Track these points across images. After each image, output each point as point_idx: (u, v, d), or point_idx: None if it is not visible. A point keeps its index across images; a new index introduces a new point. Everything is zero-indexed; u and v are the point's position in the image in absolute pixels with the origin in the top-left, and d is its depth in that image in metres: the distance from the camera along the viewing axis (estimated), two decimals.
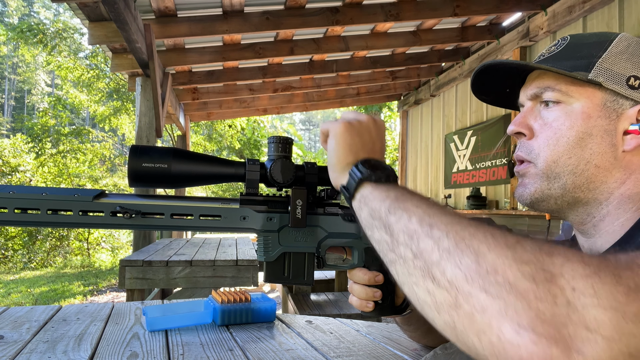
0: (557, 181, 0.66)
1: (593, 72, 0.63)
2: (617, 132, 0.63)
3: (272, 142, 0.74)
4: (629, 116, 0.63)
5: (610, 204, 0.65)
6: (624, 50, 0.64)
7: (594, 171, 0.64)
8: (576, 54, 0.66)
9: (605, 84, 0.63)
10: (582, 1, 4.01)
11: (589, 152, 0.64)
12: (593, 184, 0.64)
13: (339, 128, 0.64)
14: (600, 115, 0.64)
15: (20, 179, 12.07)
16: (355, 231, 0.78)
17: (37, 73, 35.80)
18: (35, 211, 0.66)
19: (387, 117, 14.75)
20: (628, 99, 0.63)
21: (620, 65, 0.63)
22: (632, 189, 0.63)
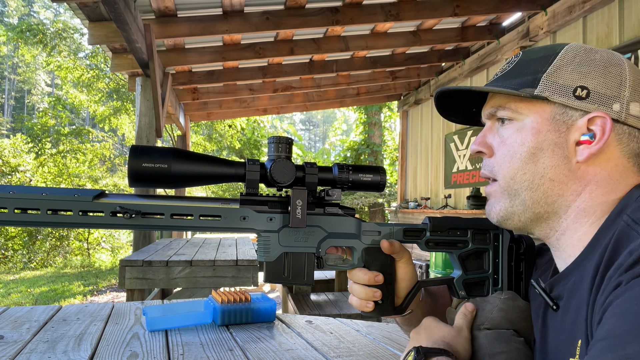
0: (517, 198, 0.67)
1: (539, 87, 0.64)
2: (569, 143, 0.63)
3: (272, 142, 0.74)
4: (579, 127, 0.63)
5: (569, 217, 0.65)
6: (570, 62, 0.64)
7: (549, 185, 0.65)
8: (523, 70, 0.67)
9: (552, 97, 0.63)
10: (582, 1, 4.01)
11: (542, 166, 0.65)
12: (550, 197, 0.65)
13: None
14: (549, 129, 0.64)
15: (20, 179, 12.07)
16: (355, 231, 0.78)
17: (37, 73, 35.80)
18: (35, 211, 0.66)
19: (387, 117, 14.76)
20: (577, 110, 0.63)
21: (566, 77, 0.63)
22: (587, 202, 0.63)
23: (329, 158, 17.62)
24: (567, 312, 0.63)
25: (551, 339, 0.67)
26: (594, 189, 0.63)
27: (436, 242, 0.81)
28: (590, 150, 0.62)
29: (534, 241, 0.83)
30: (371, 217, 13.89)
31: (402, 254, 0.79)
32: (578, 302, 0.60)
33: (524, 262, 0.81)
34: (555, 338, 0.65)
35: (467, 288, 0.80)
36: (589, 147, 0.62)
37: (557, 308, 0.66)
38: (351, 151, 13.92)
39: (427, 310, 0.88)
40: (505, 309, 0.74)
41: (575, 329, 0.60)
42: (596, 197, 0.63)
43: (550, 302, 0.66)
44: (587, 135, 0.62)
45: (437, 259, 4.39)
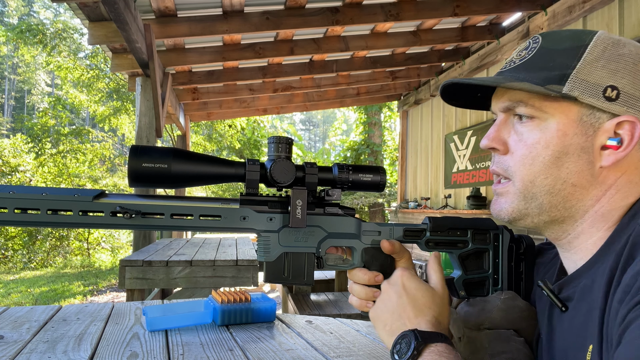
0: (534, 201, 0.64)
1: (567, 85, 0.59)
2: (594, 148, 0.60)
3: (272, 142, 0.74)
4: (606, 130, 0.59)
5: (585, 222, 0.63)
6: (600, 56, 0.59)
7: (570, 190, 0.61)
8: (549, 63, 0.61)
9: (581, 97, 0.58)
10: (582, 1, 4.01)
11: (565, 171, 0.61)
12: (569, 202, 0.62)
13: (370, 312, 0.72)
14: (576, 132, 0.60)
15: (20, 179, 12.06)
16: (355, 231, 0.78)
17: (37, 73, 35.79)
18: (35, 211, 0.66)
19: (387, 117, 14.76)
20: (605, 112, 0.59)
21: (596, 74, 0.59)
22: (605, 207, 0.61)
23: (329, 158, 17.62)
24: (576, 315, 0.61)
25: (558, 340, 0.65)
26: (613, 194, 0.61)
27: (436, 242, 0.81)
28: (616, 157, 0.59)
29: (534, 241, 0.83)
30: (371, 217, 13.89)
31: (402, 254, 0.79)
32: (589, 306, 0.59)
33: (524, 262, 0.81)
34: (563, 339, 0.64)
35: (467, 288, 0.80)
36: (615, 152, 0.59)
37: (566, 309, 0.64)
38: (351, 151, 13.92)
39: None
40: (505, 309, 0.74)
41: (585, 332, 0.58)
42: (615, 202, 0.61)
43: (559, 303, 0.64)
44: (615, 140, 0.58)
45: None
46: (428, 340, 0.60)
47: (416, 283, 0.69)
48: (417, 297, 0.67)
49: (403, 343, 0.62)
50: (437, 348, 0.60)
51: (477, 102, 0.76)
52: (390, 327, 0.66)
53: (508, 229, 0.82)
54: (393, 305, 0.67)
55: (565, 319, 0.64)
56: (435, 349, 0.60)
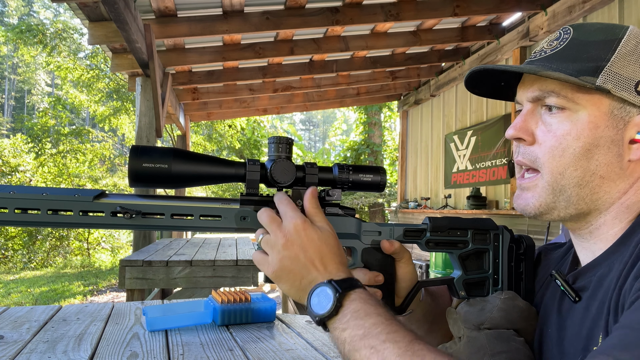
0: (562, 194, 0.63)
1: (601, 77, 0.59)
2: (624, 141, 0.61)
3: (272, 142, 0.74)
4: (636, 124, 0.60)
5: (609, 214, 0.63)
6: (633, 50, 0.60)
7: (598, 182, 0.62)
8: (582, 54, 0.61)
9: (614, 91, 0.59)
10: (582, 1, 4.01)
11: (595, 163, 0.61)
12: (597, 194, 0.62)
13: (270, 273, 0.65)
14: (607, 124, 0.60)
15: (20, 179, 12.06)
16: (355, 231, 0.78)
17: (37, 73, 35.80)
18: (35, 211, 0.66)
19: (387, 117, 14.76)
20: (635, 106, 0.60)
21: (629, 68, 0.59)
22: (631, 199, 0.62)
23: (329, 158, 17.62)
24: (591, 305, 0.61)
25: (570, 330, 0.65)
26: (638, 187, 0.61)
27: (436, 242, 0.81)
28: None
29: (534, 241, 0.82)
30: (371, 217, 13.89)
31: (402, 254, 0.79)
32: (603, 296, 0.59)
33: (524, 262, 0.81)
34: (574, 330, 0.64)
35: (467, 288, 0.80)
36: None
37: (579, 299, 0.64)
38: (351, 151, 13.92)
39: (427, 310, 0.88)
40: (505, 309, 0.74)
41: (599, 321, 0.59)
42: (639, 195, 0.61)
43: (573, 293, 0.64)
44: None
45: (437, 259, 4.39)
46: (347, 289, 0.59)
47: (316, 233, 0.66)
48: (323, 245, 0.65)
49: (322, 296, 0.60)
50: (359, 295, 0.59)
51: (500, 92, 0.75)
52: (301, 283, 0.64)
53: (508, 229, 0.82)
54: (300, 261, 0.64)
55: (579, 310, 0.64)
56: (357, 296, 0.59)
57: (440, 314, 0.87)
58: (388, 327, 0.54)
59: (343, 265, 0.65)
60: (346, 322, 0.57)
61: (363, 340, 0.54)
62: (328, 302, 0.59)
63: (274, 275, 0.65)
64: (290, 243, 0.64)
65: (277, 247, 0.65)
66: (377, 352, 0.52)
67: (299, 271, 0.64)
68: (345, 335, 0.56)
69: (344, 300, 0.59)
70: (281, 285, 0.66)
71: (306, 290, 0.63)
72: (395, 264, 0.80)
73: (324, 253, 0.64)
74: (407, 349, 0.51)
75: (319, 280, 0.62)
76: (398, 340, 0.52)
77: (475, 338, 0.73)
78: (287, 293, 0.66)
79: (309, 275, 0.63)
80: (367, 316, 0.56)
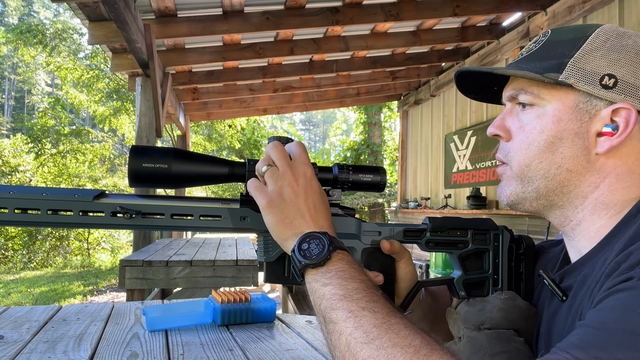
0: (530, 185, 0.66)
1: (564, 72, 0.61)
2: (590, 134, 0.61)
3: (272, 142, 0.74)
4: (602, 117, 0.60)
5: (585, 209, 0.64)
6: (600, 47, 0.61)
7: (566, 175, 0.63)
8: (550, 53, 0.64)
9: (577, 85, 0.60)
10: (582, 1, 4.01)
11: (560, 156, 0.63)
12: (566, 187, 0.64)
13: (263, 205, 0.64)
14: (571, 117, 0.62)
15: (20, 179, 12.07)
16: (355, 231, 0.78)
17: (37, 73, 35.80)
18: (35, 211, 0.66)
19: (387, 117, 14.76)
20: (602, 100, 0.60)
21: (594, 63, 0.60)
22: (606, 195, 0.62)
23: (329, 158, 17.62)
24: (574, 304, 0.62)
25: (556, 329, 0.66)
26: (613, 182, 0.61)
27: (436, 243, 0.81)
28: (611, 143, 0.60)
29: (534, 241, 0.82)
30: (371, 217, 13.89)
31: (402, 254, 0.79)
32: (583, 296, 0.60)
33: (524, 262, 0.81)
34: (560, 328, 0.64)
35: (467, 288, 0.80)
36: (610, 139, 0.60)
37: (566, 298, 0.64)
38: (351, 151, 13.92)
39: (427, 310, 0.88)
40: (505, 309, 0.74)
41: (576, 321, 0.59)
42: (616, 191, 0.61)
43: (560, 292, 0.65)
44: (610, 127, 0.60)
45: (437, 259, 4.39)
46: (337, 247, 0.60)
47: (320, 188, 0.67)
48: (322, 201, 0.66)
49: (313, 244, 0.60)
50: (346, 256, 0.60)
51: (494, 96, 0.78)
52: (291, 223, 0.63)
53: (508, 229, 0.82)
54: (299, 202, 0.63)
55: (564, 309, 0.64)
56: (345, 257, 0.60)
57: (441, 314, 0.87)
58: (369, 296, 0.55)
59: (333, 227, 0.66)
60: (329, 277, 0.57)
61: (342, 302, 0.54)
62: (318, 252, 0.59)
63: (267, 204, 0.64)
64: (297, 183, 0.64)
65: (282, 180, 0.64)
66: (354, 317, 0.52)
67: (294, 211, 0.63)
68: (325, 290, 0.56)
69: (333, 256, 0.59)
70: (269, 216, 0.64)
71: (293, 231, 0.63)
72: (395, 264, 0.80)
73: (321, 208, 0.65)
74: (384, 320, 0.51)
75: (309, 228, 0.63)
76: (377, 310, 0.52)
77: (475, 338, 0.73)
78: (270, 227, 0.65)
79: (301, 219, 0.63)
80: (351, 278, 0.57)
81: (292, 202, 0.63)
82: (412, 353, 0.47)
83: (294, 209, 0.63)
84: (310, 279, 0.60)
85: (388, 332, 0.49)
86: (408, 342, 0.48)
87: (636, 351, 0.41)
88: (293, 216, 0.63)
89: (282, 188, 0.64)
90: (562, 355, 0.43)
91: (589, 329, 0.45)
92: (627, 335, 0.42)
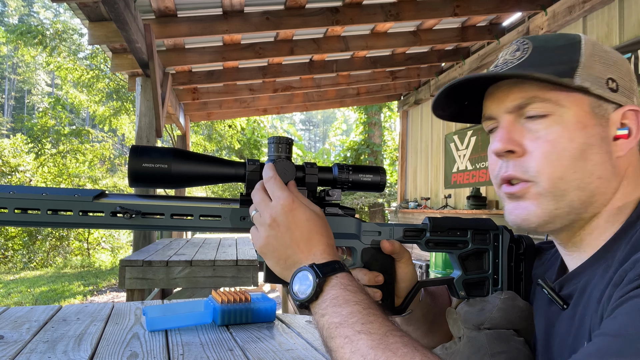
0: (564, 199, 0.60)
1: (577, 77, 0.59)
2: (609, 138, 0.60)
3: (272, 142, 0.74)
4: (614, 121, 0.60)
5: (602, 217, 0.62)
6: (594, 52, 0.61)
7: (597, 183, 0.60)
8: (553, 59, 0.61)
9: (592, 88, 0.59)
10: (582, 1, 4.01)
11: (591, 163, 0.59)
12: (595, 196, 0.60)
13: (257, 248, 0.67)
14: (594, 123, 0.60)
15: (20, 179, 12.07)
16: (355, 231, 0.78)
17: (37, 73, 35.79)
18: (35, 211, 0.66)
19: (387, 117, 14.76)
20: (611, 103, 0.60)
21: (596, 67, 0.60)
22: (620, 199, 0.61)
23: (329, 158, 17.62)
24: (576, 313, 0.61)
25: (557, 337, 0.65)
26: (625, 185, 0.60)
27: (436, 243, 0.81)
28: (629, 145, 0.59)
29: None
30: (371, 217, 13.89)
31: (402, 254, 0.79)
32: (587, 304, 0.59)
33: (523, 262, 0.81)
34: (561, 337, 0.64)
35: (467, 288, 0.80)
36: (627, 141, 0.59)
37: (567, 307, 0.63)
38: (351, 151, 13.92)
39: (426, 310, 0.88)
40: (505, 309, 0.74)
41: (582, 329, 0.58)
42: (627, 194, 0.60)
43: (560, 301, 0.63)
44: (624, 130, 0.59)
45: (437, 259, 4.39)
46: (327, 273, 0.60)
47: (305, 214, 0.65)
48: (309, 228, 0.65)
49: (303, 280, 0.60)
50: (340, 280, 0.60)
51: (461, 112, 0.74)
52: (285, 262, 0.64)
53: (508, 229, 0.82)
54: (285, 242, 0.64)
55: (565, 317, 0.63)
56: (338, 282, 0.59)
57: (440, 314, 0.87)
58: (364, 318, 0.54)
59: (329, 247, 0.65)
60: (325, 308, 0.58)
61: (338, 329, 0.54)
62: (308, 287, 0.59)
63: (260, 251, 0.67)
64: (277, 224, 0.64)
65: (264, 225, 0.65)
66: (350, 342, 0.52)
67: (283, 251, 0.64)
68: (324, 321, 0.57)
69: (324, 286, 0.59)
70: (267, 261, 0.67)
71: (290, 270, 0.64)
72: (395, 264, 0.80)
73: (310, 235, 0.64)
74: (380, 341, 0.51)
75: (302, 262, 0.63)
76: (372, 332, 0.52)
77: (475, 338, 0.73)
78: (272, 269, 0.67)
79: (294, 256, 0.64)
80: (345, 304, 0.57)
81: (280, 243, 0.64)
82: None
83: (283, 248, 0.64)
84: (312, 312, 0.60)
85: (385, 352, 0.49)
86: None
87: None
88: (285, 255, 0.64)
89: (267, 233, 0.65)
90: None
91: (605, 337, 0.45)
92: None
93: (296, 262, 0.63)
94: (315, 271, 0.60)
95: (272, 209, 0.65)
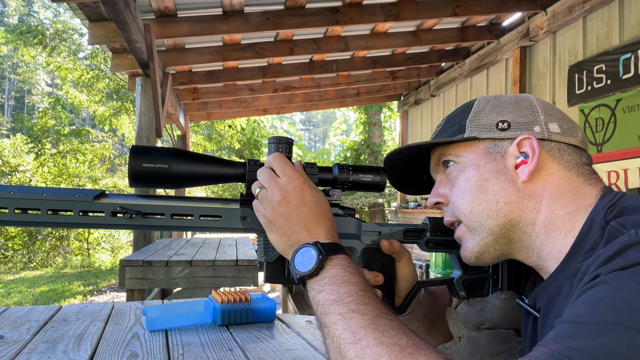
0: (483, 229, 0.69)
1: (467, 131, 0.71)
2: (508, 168, 0.69)
3: (272, 142, 0.74)
4: (511, 153, 0.69)
5: (540, 234, 0.67)
6: (485, 106, 0.73)
7: (507, 208, 0.68)
8: (451, 125, 0.75)
9: (479, 135, 0.70)
10: (582, 1, 4.01)
11: (492, 193, 0.68)
12: (514, 219, 0.68)
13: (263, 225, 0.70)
14: (486, 160, 0.70)
15: (20, 179, 12.07)
16: (356, 231, 0.78)
17: (37, 73, 35.79)
18: (35, 211, 0.66)
19: (387, 117, 14.76)
20: (505, 140, 0.70)
21: (486, 118, 0.71)
22: (550, 215, 0.66)
23: (329, 158, 17.62)
24: (545, 322, 0.65)
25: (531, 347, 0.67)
26: (550, 203, 0.67)
27: (436, 243, 0.81)
28: (529, 168, 0.67)
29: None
30: (371, 217, 13.89)
31: (402, 254, 0.79)
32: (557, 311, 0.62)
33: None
34: None
35: (467, 288, 0.80)
36: (526, 165, 0.67)
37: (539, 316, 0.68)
38: (351, 151, 13.92)
39: (427, 310, 0.88)
40: (505, 309, 0.74)
41: None
42: (557, 210, 0.66)
43: (534, 312, 0.69)
44: (522, 157, 0.68)
45: (437, 259, 4.39)
46: (330, 253, 0.64)
47: (313, 195, 0.69)
48: (316, 209, 0.69)
49: (305, 256, 0.64)
50: (340, 261, 0.63)
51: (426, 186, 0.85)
52: (289, 238, 0.68)
53: None
54: (292, 220, 0.67)
55: (538, 327, 0.68)
56: (339, 262, 0.63)
57: (440, 314, 0.87)
58: (359, 298, 0.57)
59: (332, 229, 0.69)
60: (323, 284, 0.61)
61: (334, 306, 0.57)
62: (310, 263, 0.63)
63: (265, 225, 0.70)
64: (287, 201, 0.68)
65: (272, 202, 0.68)
66: (343, 320, 0.55)
67: (289, 229, 0.68)
68: (320, 297, 0.60)
69: (325, 263, 0.63)
70: (269, 235, 0.70)
71: (293, 247, 0.67)
72: (395, 264, 0.80)
73: (317, 216, 0.68)
74: (372, 321, 0.54)
75: (306, 240, 0.66)
76: (365, 312, 0.55)
77: (475, 338, 0.73)
78: (273, 243, 0.70)
79: (298, 234, 0.67)
80: (343, 283, 0.60)
81: (287, 220, 0.67)
82: (397, 351, 0.49)
83: (289, 225, 0.67)
84: (308, 288, 0.63)
85: (375, 332, 0.52)
86: (394, 342, 0.50)
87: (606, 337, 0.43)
88: (290, 232, 0.67)
89: (274, 209, 0.68)
90: (539, 350, 0.46)
91: (563, 324, 0.48)
92: (597, 324, 0.45)
93: (300, 240, 0.67)
94: (319, 249, 0.64)
95: (283, 187, 0.68)
